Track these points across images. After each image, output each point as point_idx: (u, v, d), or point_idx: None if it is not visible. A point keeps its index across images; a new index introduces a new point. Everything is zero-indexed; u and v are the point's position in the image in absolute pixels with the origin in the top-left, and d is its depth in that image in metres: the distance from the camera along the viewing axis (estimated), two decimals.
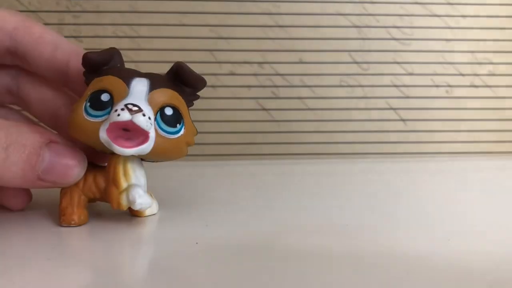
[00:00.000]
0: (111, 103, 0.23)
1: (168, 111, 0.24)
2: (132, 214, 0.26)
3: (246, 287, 0.19)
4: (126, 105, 0.22)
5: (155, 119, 0.23)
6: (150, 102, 0.23)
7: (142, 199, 0.23)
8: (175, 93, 0.25)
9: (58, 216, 0.24)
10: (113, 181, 0.24)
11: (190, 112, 0.26)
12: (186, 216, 0.27)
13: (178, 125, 0.24)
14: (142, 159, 0.25)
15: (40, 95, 0.28)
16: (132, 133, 0.23)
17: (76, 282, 0.19)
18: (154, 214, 0.27)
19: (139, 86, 0.24)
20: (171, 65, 0.25)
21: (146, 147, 0.23)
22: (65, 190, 0.24)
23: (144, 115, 0.22)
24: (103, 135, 0.22)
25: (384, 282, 0.19)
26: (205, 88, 0.27)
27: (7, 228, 0.25)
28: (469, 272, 0.20)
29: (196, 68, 0.26)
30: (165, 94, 0.24)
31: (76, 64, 0.26)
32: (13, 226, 0.25)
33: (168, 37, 0.43)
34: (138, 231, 0.25)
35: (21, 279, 0.19)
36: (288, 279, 0.19)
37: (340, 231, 0.25)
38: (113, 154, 0.24)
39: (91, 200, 0.26)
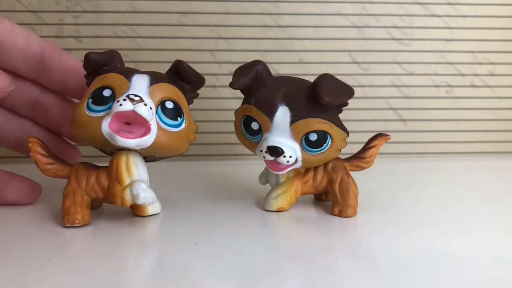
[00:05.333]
0: (112, 98, 0.23)
1: (169, 105, 0.24)
2: (135, 214, 0.26)
3: (246, 287, 0.19)
4: (128, 96, 0.23)
5: (156, 112, 0.24)
6: (151, 95, 0.24)
7: (145, 193, 0.23)
8: (175, 88, 0.25)
9: (62, 217, 0.24)
10: (116, 178, 0.24)
11: (191, 112, 0.26)
12: (187, 216, 0.27)
13: (179, 118, 0.24)
14: (144, 158, 0.25)
15: (15, 84, 0.28)
16: (134, 126, 0.23)
17: (77, 282, 0.19)
18: (156, 214, 0.27)
19: (140, 81, 0.24)
20: (171, 65, 0.26)
21: (148, 139, 0.23)
22: (68, 191, 0.24)
23: (145, 105, 0.22)
24: (105, 128, 0.23)
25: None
26: (205, 88, 0.27)
27: (10, 228, 0.25)
28: (468, 271, 0.20)
29: (197, 68, 0.26)
30: (166, 89, 0.24)
31: (50, 53, 0.28)
32: (17, 226, 0.25)
33: (168, 37, 0.43)
34: (140, 231, 0.25)
35: (23, 279, 0.19)
36: (290, 278, 0.19)
37: (341, 229, 0.25)
38: (114, 152, 0.25)
39: (94, 204, 0.26)
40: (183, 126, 0.25)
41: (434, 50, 0.44)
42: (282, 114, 0.25)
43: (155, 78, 0.24)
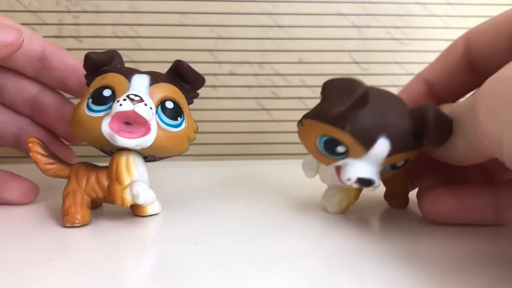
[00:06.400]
0: (113, 98, 0.23)
1: (169, 105, 0.24)
2: (135, 214, 0.26)
3: (246, 286, 0.19)
4: (128, 96, 0.23)
5: (156, 112, 0.24)
6: (151, 95, 0.24)
7: (146, 193, 0.23)
8: (175, 88, 0.25)
9: (62, 217, 0.24)
10: (116, 178, 0.24)
11: (191, 112, 0.26)
12: (187, 216, 0.27)
13: (179, 118, 0.24)
14: (144, 158, 0.25)
15: (14, 82, 0.29)
16: (134, 126, 0.23)
17: (77, 282, 0.19)
18: (156, 214, 0.27)
19: (140, 81, 0.24)
20: (171, 65, 0.26)
21: (148, 139, 0.23)
22: (67, 191, 0.24)
23: (145, 105, 0.22)
24: (105, 128, 0.23)
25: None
26: (205, 88, 0.27)
27: (10, 228, 0.25)
28: (469, 269, 0.20)
29: (197, 68, 0.26)
30: (166, 89, 0.24)
31: (51, 51, 0.29)
32: (17, 226, 0.25)
33: (168, 37, 0.43)
34: (140, 231, 0.25)
35: (22, 279, 0.19)
36: (290, 278, 0.19)
37: (340, 229, 0.25)
38: (114, 152, 0.25)
39: (94, 204, 0.26)
40: (183, 126, 0.25)
41: (434, 50, 0.44)
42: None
43: (155, 78, 0.24)
